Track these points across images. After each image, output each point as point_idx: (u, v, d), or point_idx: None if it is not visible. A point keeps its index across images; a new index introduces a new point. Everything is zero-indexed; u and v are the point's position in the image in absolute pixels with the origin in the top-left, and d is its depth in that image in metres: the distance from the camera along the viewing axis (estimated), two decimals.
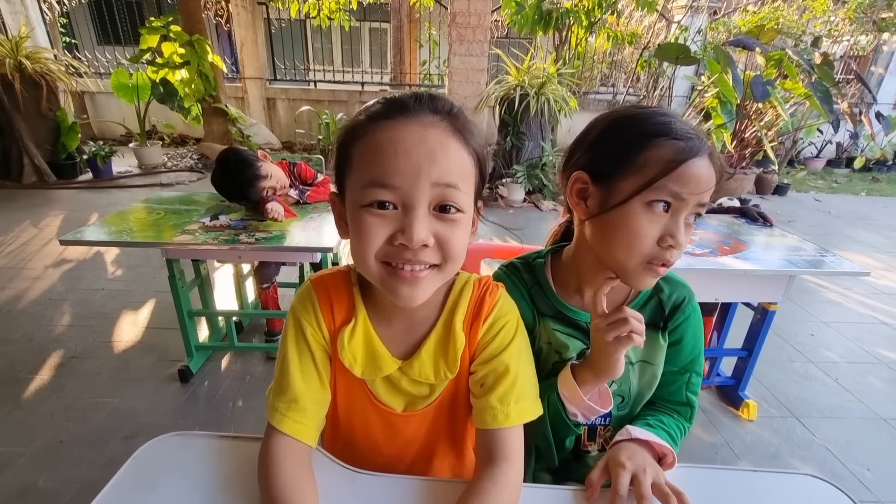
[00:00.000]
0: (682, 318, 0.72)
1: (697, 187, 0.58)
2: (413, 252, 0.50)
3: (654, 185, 0.58)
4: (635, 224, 0.60)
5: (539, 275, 0.76)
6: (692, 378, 0.75)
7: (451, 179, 0.50)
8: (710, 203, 0.63)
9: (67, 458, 1.47)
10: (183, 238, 1.50)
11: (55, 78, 4.50)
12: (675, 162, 0.58)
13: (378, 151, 0.50)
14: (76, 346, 2.03)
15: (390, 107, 0.52)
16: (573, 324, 0.73)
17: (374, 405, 0.66)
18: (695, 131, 0.60)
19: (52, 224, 3.45)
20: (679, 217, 0.60)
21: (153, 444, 0.64)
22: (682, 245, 0.60)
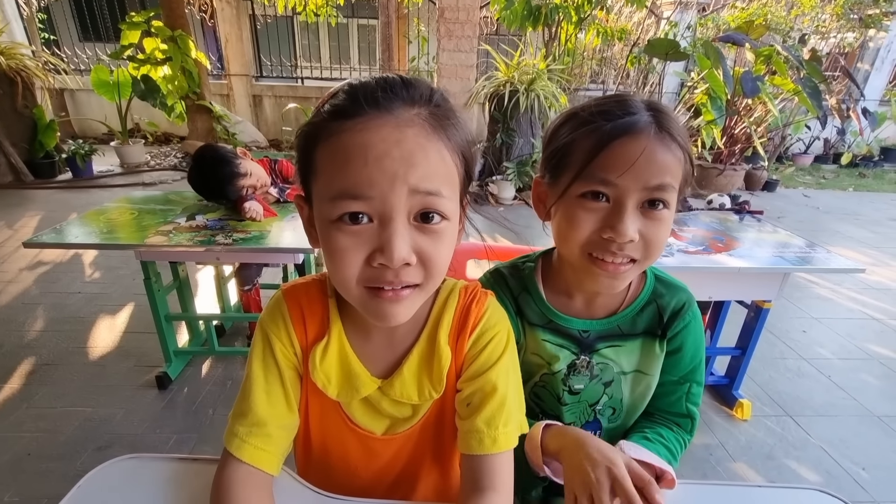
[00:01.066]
0: (681, 324, 0.68)
1: (632, 170, 0.53)
2: (394, 272, 0.44)
3: (582, 174, 0.55)
4: (570, 215, 0.58)
5: (528, 281, 0.71)
6: (692, 388, 0.70)
7: (433, 186, 0.43)
8: (673, 185, 0.55)
9: (35, 471, 1.40)
10: (156, 239, 1.43)
11: (31, 74, 4.36)
12: (597, 146, 0.54)
13: (345, 158, 0.42)
14: (49, 353, 1.94)
15: (355, 100, 0.43)
16: (564, 333, 0.69)
17: (351, 428, 0.60)
18: (633, 109, 0.56)
19: (27, 225, 3.34)
20: (621, 207, 0.55)
21: (103, 470, 0.58)
22: (624, 236, 0.54)
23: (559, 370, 0.69)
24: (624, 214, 0.54)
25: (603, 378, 0.70)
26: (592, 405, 0.72)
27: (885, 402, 1.88)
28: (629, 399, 0.72)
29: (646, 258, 0.58)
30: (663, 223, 0.57)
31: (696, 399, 0.71)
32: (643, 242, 0.56)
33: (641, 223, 0.55)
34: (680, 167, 0.55)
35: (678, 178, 0.56)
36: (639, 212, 0.55)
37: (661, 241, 0.58)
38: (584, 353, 0.69)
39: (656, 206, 0.56)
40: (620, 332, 0.69)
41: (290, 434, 0.57)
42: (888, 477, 1.52)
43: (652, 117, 0.55)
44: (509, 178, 4.27)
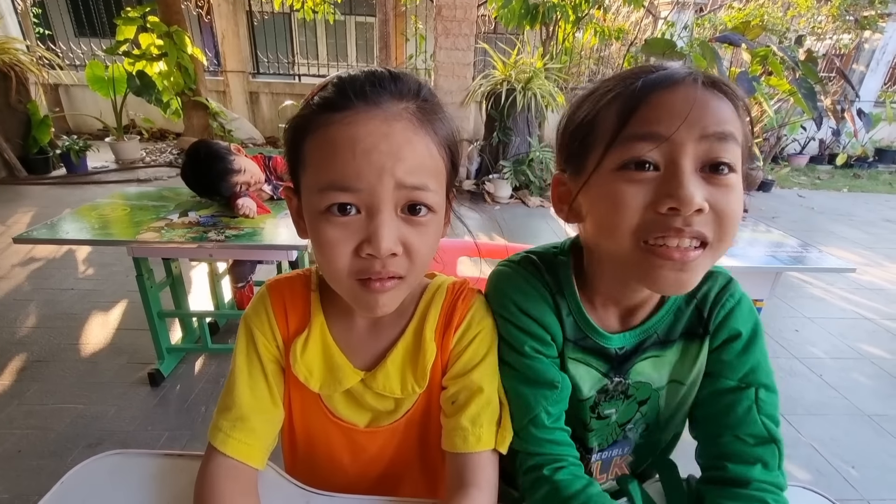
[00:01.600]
0: (723, 311, 0.55)
1: (680, 116, 0.41)
2: (381, 263, 0.45)
3: (618, 139, 0.44)
4: (610, 195, 0.45)
5: (563, 278, 0.57)
6: (761, 394, 0.52)
7: (420, 180, 0.44)
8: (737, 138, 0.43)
9: (26, 468, 1.39)
10: (148, 235, 1.42)
11: (25, 69, 4.33)
12: (630, 102, 0.44)
13: (333, 151, 0.43)
14: (41, 349, 1.93)
15: (344, 93, 0.44)
16: (596, 350, 0.57)
17: (333, 421, 0.60)
18: (667, 65, 0.46)
19: (20, 221, 3.32)
20: (677, 167, 0.42)
21: (86, 466, 0.57)
22: (691, 201, 0.41)
23: (587, 397, 0.58)
24: (682, 176, 0.42)
25: (638, 397, 0.60)
26: (623, 424, 0.62)
27: (876, 401, 1.89)
28: (665, 412, 0.61)
29: (720, 239, 0.44)
30: (733, 190, 0.44)
31: (772, 411, 0.53)
32: (713, 215, 0.43)
33: (706, 190, 0.43)
34: (738, 122, 0.44)
35: (740, 133, 0.44)
36: (700, 177, 0.43)
37: (736, 214, 0.44)
38: (616, 373, 0.58)
39: (720, 171, 0.43)
40: (658, 340, 0.56)
41: (274, 428, 0.57)
42: (878, 475, 1.53)
43: (697, 72, 0.45)
44: (506, 176, 4.27)
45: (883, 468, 1.56)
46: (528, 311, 0.55)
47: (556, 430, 0.54)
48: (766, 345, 0.56)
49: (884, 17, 5.71)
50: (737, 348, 0.54)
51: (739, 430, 0.52)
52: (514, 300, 0.56)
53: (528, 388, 0.54)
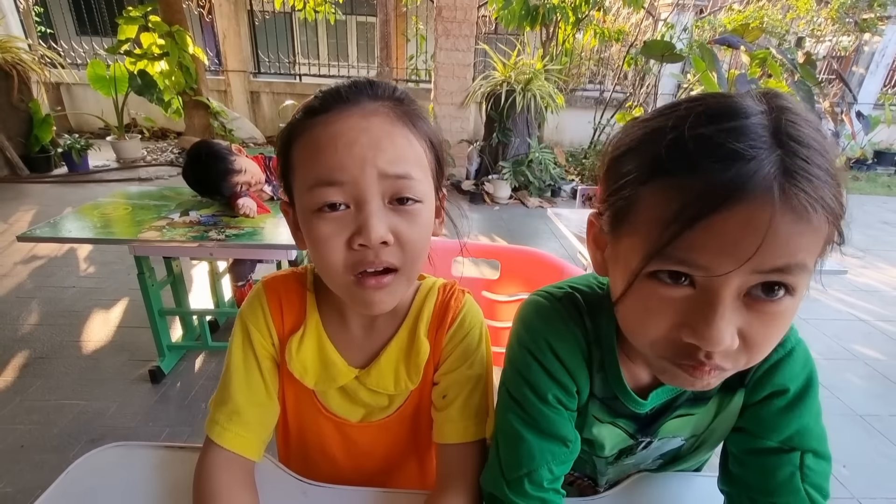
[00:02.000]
0: (773, 358, 0.47)
1: (737, 257, 0.32)
2: (374, 252, 0.46)
3: (654, 258, 0.36)
4: (637, 300, 0.40)
5: (604, 328, 0.50)
6: (808, 461, 0.46)
7: (402, 169, 0.46)
8: (805, 265, 0.34)
9: (28, 463, 1.41)
10: (149, 234, 1.45)
11: (27, 68, 4.35)
12: (681, 217, 0.33)
13: (318, 148, 0.46)
14: (43, 346, 1.96)
15: (326, 99, 0.48)
16: (624, 413, 0.52)
17: (326, 416, 0.62)
18: (748, 146, 0.32)
19: (22, 219, 3.34)
20: (712, 301, 0.35)
21: (91, 457, 0.60)
22: (717, 345, 0.35)
23: (608, 456, 0.56)
24: (716, 313, 0.35)
25: (661, 450, 0.57)
26: (638, 463, 0.60)
27: (869, 401, 1.91)
28: (685, 454, 0.58)
29: (746, 364, 0.39)
30: (781, 319, 0.36)
31: (821, 481, 0.46)
32: (745, 347, 0.37)
33: (745, 319, 0.36)
34: (820, 238, 0.34)
35: (814, 254, 0.34)
36: (741, 302, 0.35)
37: (770, 345, 0.38)
38: (643, 433, 0.53)
39: (773, 294, 0.35)
40: (693, 396, 0.51)
41: (270, 421, 0.59)
42: (868, 474, 1.55)
43: (780, 162, 0.32)
44: (505, 177, 4.29)
45: (873, 467, 1.58)
46: (560, 356, 0.49)
47: (552, 491, 0.49)
48: (820, 408, 0.48)
49: (883, 19, 5.73)
50: (780, 405, 0.47)
51: (780, 498, 0.46)
52: (547, 340, 0.50)
53: (537, 438, 0.49)
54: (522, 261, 0.97)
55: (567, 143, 6.31)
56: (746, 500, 0.48)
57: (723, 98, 0.36)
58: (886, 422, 1.79)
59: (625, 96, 5.35)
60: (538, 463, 0.48)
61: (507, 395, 0.52)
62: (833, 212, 0.34)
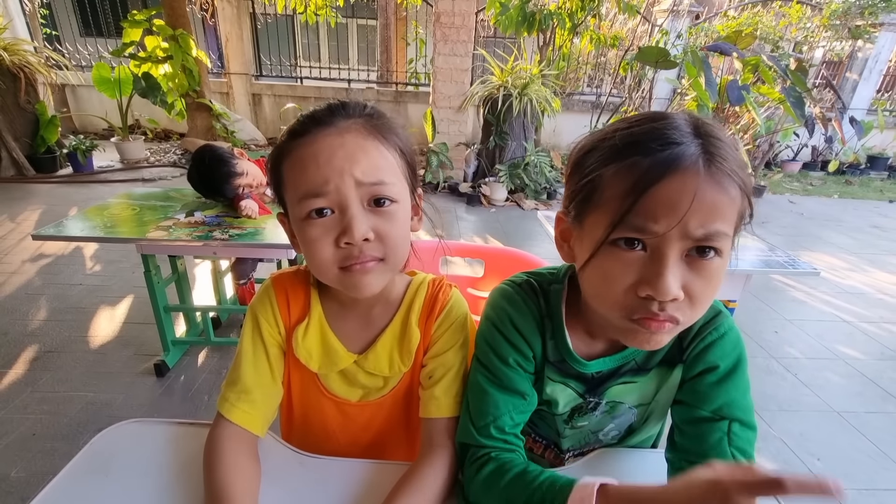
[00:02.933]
0: (707, 339, 0.56)
1: (677, 216, 0.43)
2: (359, 248, 0.54)
3: (616, 227, 0.46)
4: (601, 270, 0.49)
5: (554, 306, 0.61)
6: (734, 429, 0.53)
7: (376, 176, 0.54)
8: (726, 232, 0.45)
9: (40, 450, 1.49)
10: (157, 234, 1.52)
11: (34, 70, 4.43)
12: (633, 190, 0.44)
13: (303, 166, 0.54)
14: (52, 341, 2.03)
15: (306, 123, 0.56)
16: (573, 374, 0.62)
17: (328, 397, 0.70)
18: (677, 137, 0.45)
19: (29, 218, 3.42)
20: (661, 258, 0.45)
21: (111, 431, 0.67)
22: (667, 294, 0.44)
23: (562, 412, 0.65)
24: (664, 267, 0.44)
25: (612, 413, 0.65)
26: (596, 432, 0.68)
27: (846, 398, 1.98)
28: (637, 424, 0.66)
29: (691, 318, 0.48)
30: (714, 275, 0.46)
31: (745, 446, 0.53)
32: (689, 301, 0.46)
33: (687, 275, 0.45)
34: (735, 208, 0.45)
35: (732, 222, 0.45)
36: (684, 262, 0.45)
37: (709, 298, 0.47)
38: (591, 394, 0.63)
39: (706, 254, 0.45)
40: (636, 367, 0.60)
41: (274, 401, 0.67)
42: (841, 466, 1.62)
43: (701, 147, 0.44)
44: (501, 180, 4.37)
45: (846, 460, 1.65)
46: (519, 327, 0.60)
47: (513, 435, 0.59)
48: (749, 381, 0.56)
49: (875, 26, 5.81)
50: (711, 380, 0.55)
51: (710, 459, 0.50)
52: (510, 315, 0.61)
53: (500, 392, 0.59)
54: (505, 260, 1.05)
55: (564, 146, 6.39)
56: (685, 462, 0.55)
57: (658, 112, 0.50)
58: (862, 418, 1.86)
59: (621, 100, 5.43)
60: (501, 411, 0.58)
61: (477, 362, 0.63)
62: (745, 187, 0.45)
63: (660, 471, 0.65)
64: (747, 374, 0.56)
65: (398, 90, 6.68)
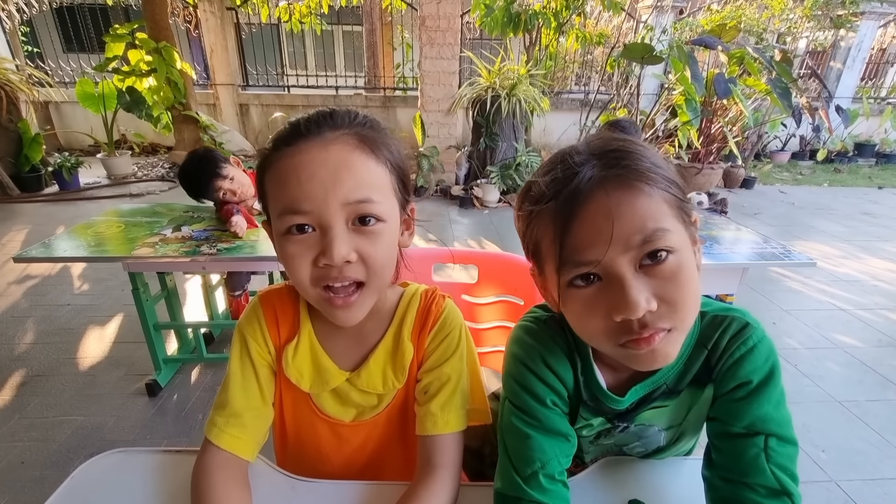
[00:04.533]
0: (736, 355, 0.53)
1: (604, 238, 0.43)
2: (338, 269, 0.51)
3: (560, 268, 0.46)
4: (573, 311, 0.49)
5: (580, 341, 0.57)
6: (772, 444, 0.50)
7: (362, 194, 0.51)
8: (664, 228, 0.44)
9: (29, 479, 1.44)
10: (143, 251, 1.49)
11: (15, 88, 4.37)
12: (557, 232, 0.45)
13: (284, 180, 0.50)
14: (40, 364, 1.98)
15: (291, 132, 0.52)
16: (606, 410, 0.59)
17: (321, 418, 0.67)
18: (575, 165, 0.46)
19: (15, 239, 3.35)
20: (616, 279, 0.44)
21: (92, 463, 0.64)
22: (637, 309, 0.43)
23: (587, 435, 0.63)
24: (624, 286, 0.43)
25: (640, 434, 0.62)
26: (620, 446, 0.65)
27: (847, 387, 1.97)
28: (669, 445, 0.64)
29: (681, 321, 0.46)
30: (678, 273, 0.45)
31: (786, 462, 0.50)
32: (666, 306, 0.44)
33: (652, 284, 0.44)
34: (661, 203, 0.45)
35: (667, 217, 0.44)
36: (642, 273, 0.44)
37: (687, 296, 0.45)
38: (622, 420, 0.60)
39: (658, 258, 0.44)
40: (667, 390, 0.58)
41: (264, 424, 0.64)
42: (845, 457, 1.61)
43: (599, 164, 0.45)
44: (493, 181, 4.35)
45: (850, 450, 1.64)
46: (552, 366, 0.57)
47: (561, 483, 0.55)
48: (784, 393, 0.53)
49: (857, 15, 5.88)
50: (742, 395, 0.52)
51: (749, 478, 0.50)
52: (541, 354, 0.57)
53: (546, 437, 0.55)
54: (498, 265, 1.03)
55: (555, 145, 6.40)
56: (721, 480, 0.52)
57: (563, 149, 0.50)
58: (864, 407, 1.86)
59: (609, 97, 5.45)
60: (549, 456, 0.54)
61: (510, 405, 0.58)
62: (663, 179, 0.45)
63: (678, 477, 0.64)
64: (781, 386, 0.53)
65: (386, 95, 6.66)
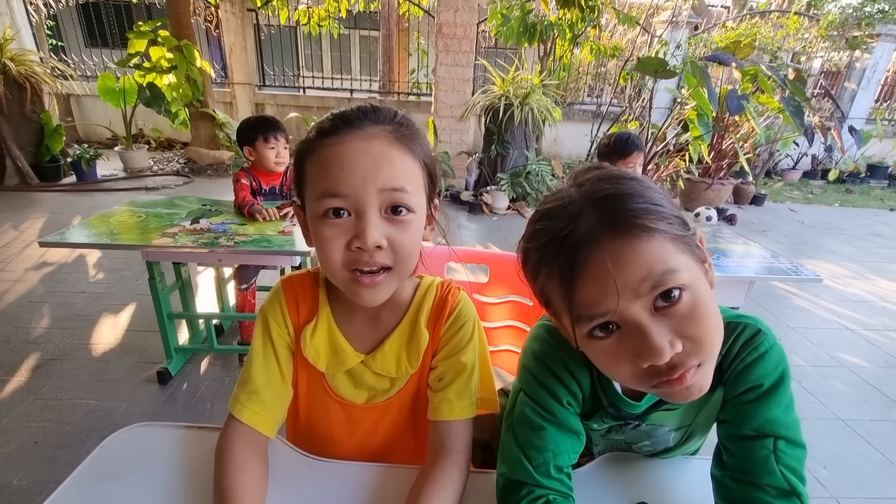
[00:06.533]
0: (747, 360, 0.54)
1: (613, 291, 0.43)
2: (369, 254, 0.54)
3: (575, 324, 0.46)
4: (598, 358, 0.49)
5: None
6: (780, 446, 0.51)
7: (398, 183, 0.54)
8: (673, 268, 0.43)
9: (42, 458, 1.48)
10: (163, 241, 1.53)
11: (40, 80, 4.48)
12: (564, 293, 0.45)
13: (326, 165, 0.54)
14: (55, 349, 2.03)
15: (336, 122, 0.56)
16: (623, 415, 0.61)
17: (334, 399, 0.70)
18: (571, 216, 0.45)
19: (33, 226, 3.43)
20: (636, 328, 0.44)
21: (119, 435, 0.68)
22: (663, 355, 0.43)
23: (598, 429, 0.65)
24: (646, 333, 0.43)
25: (650, 433, 0.64)
26: (630, 443, 0.67)
27: (851, 406, 1.97)
28: (678, 446, 0.65)
29: (709, 354, 0.46)
30: (695, 310, 0.44)
31: (794, 464, 0.51)
32: (691, 343, 0.44)
33: (671, 324, 0.44)
34: (667, 243, 0.44)
35: (674, 256, 0.43)
36: (659, 316, 0.44)
37: (709, 329, 0.45)
38: (632, 419, 0.62)
39: (671, 298, 0.43)
40: None
41: (284, 403, 0.67)
42: (847, 475, 1.61)
43: (595, 214, 0.44)
44: (503, 188, 4.39)
45: (852, 468, 1.64)
46: (572, 370, 0.58)
47: (567, 475, 0.58)
48: (793, 398, 0.54)
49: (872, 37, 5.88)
50: (752, 398, 0.54)
51: (759, 479, 0.51)
52: (561, 356, 0.58)
53: (561, 433, 0.57)
54: (510, 266, 1.05)
55: (565, 155, 6.43)
56: (732, 481, 0.54)
57: (550, 201, 0.49)
58: (868, 426, 1.85)
59: (621, 110, 5.48)
60: (561, 449, 0.57)
61: (525, 396, 0.59)
62: (660, 217, 0.44)
63: (684, 476, 0.65)
64: (790, 392, 0.54)
65: (400, 100, 6.75)
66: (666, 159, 4.51)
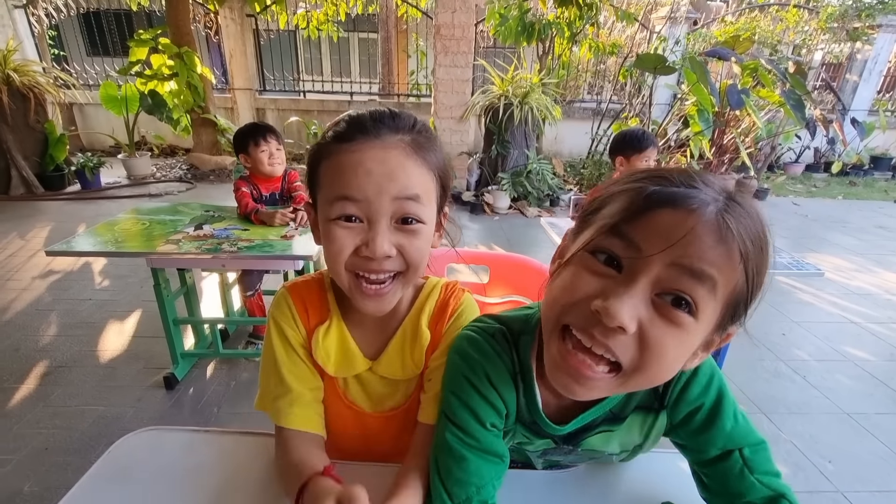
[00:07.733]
0: (682, 379, 0.53)
1: (668, 239, 0.39)
2: (378, 262, 0.55)
3: (606, 231, 0.43)
4: (573, 269, 0.45)
5: (524, 361, 0.56)
6: (747, 453, 0.52)
7: (411, 193, 0.55)
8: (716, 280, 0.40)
9: (53, 464, 1.50)
10: (167, 248, 1.55)
11: (43, 90, 4.52)
12: (631, 207, 0.42)
13: (342, 172, 0.54)
14: (63, 356, 2.05)
15: (352, 128, 0.56)
16: (543, 433, 0.59)
17: (346, 404, 0.70)
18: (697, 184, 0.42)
19: (39, 235, 3.46)
20: (631, 279, 0.41)
21: (128, 439, 0.69)
22: (616, 316, 0.39)
23: (533, 451, 0.63)
24: (628, 290, 0.40)
25: (590, 456, 0.63)
26: (570, 464, 0.68)
27: (856, 400, 1.97)
28: (619, 460, 0.65)
29: (637, 368, 0.43)
30: (677, 333, 0.41)
31: (765, 464, 0.53)
32: (638, 343, 0.41)
33: (648, 316, 0.41)
34: (732, 271, 0.40)
35: (721, 282, 0.40)
36: (651, 300, 0.41)
37: (668, 358, 0.42)
38: (566, 443, 0.60)
39: (680, 305, 0.41)
40: (612, 416, 0.57)
41: (321, 395, 0.68)
42: (853, 469, 1.61)
43: (723, 203, 0.41)
44: (504, 188, 4.40)
45: (858, 462, 1.64)
46: (496, 384, 0.55)
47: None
48: (735, 402, 0.55)
49: (873, 28, 5.85)
50: (700, 419, 0.53)
51: (744, 495, 0.52)
52: (485, 370, 0.56)
53: (484, 460, 0.54)
54: (510, 266, 1.07)
55: (566, 153, 6.43)
56: (721, 502, 0.55)
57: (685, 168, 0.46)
58: (873, 420, 1.85)
59: (621, 107, 5.47)
60: (485, 480, 0.54)
61: (447, 420, 0.56)
62: (747, 257, 0.40)
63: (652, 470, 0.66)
64: (731, 396, 0.54)
65: (400, 101, 6.76)
66: (667, 155, 4.50)
